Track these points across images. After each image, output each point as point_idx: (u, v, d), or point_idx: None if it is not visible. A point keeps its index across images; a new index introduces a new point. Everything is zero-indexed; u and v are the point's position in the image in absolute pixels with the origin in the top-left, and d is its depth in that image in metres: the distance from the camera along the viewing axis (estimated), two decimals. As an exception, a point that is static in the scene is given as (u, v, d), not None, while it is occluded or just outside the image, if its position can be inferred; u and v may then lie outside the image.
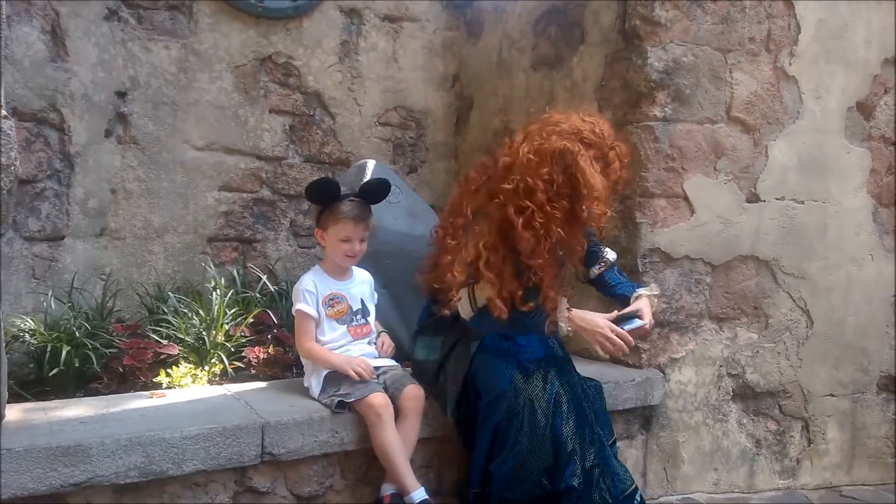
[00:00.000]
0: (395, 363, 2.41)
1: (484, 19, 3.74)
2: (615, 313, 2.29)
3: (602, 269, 2.43)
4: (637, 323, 2.26)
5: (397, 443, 2.15)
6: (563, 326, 2.23)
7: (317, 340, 2.32)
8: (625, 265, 2.78)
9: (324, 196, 2.37)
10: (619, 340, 2.18)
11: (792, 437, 2.99)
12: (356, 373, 2.19)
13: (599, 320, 2.21)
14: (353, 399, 2.18)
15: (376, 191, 2.42)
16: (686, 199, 2.78)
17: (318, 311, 2.32)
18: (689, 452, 2.82)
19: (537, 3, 3.33)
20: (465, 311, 2.26)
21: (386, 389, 2.25)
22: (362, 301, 2.42)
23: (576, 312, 2.24)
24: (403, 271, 2.63)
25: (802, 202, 2.95)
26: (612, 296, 2.43)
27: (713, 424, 2.86)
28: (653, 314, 2.31)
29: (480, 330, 2.24)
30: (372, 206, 2.40)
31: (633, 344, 2.26)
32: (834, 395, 3.04)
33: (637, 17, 2.73)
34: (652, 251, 2.75)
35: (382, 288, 2.68)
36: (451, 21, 3.90)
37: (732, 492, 2.90)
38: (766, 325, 2.93)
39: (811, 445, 3.02)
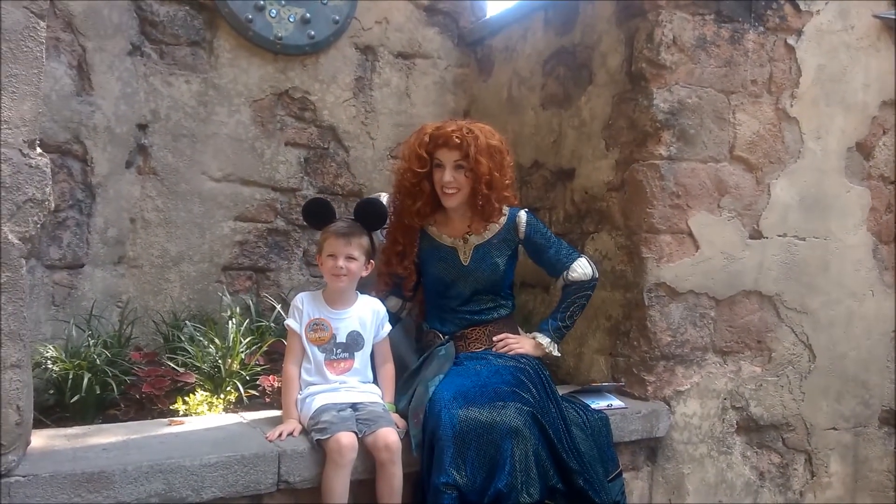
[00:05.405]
0: (378, 399, 2.35)
1: (494, 57, 3.84)
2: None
3: (564, 283, 2.61)
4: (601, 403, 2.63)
5: (341, 491, 2.09)
6: None
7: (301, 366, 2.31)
8: (631, 299, 2.85)
9: (318, 216, 2.38)
10: None
11: (795, 469, 3.03)
12: (276, 434, 2.17)
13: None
14: (323, 437, 2.11)
15: (367, 210, 2.39)
16: (691, 235, 2.85)
17: (301, 331, 2.30)
18: (694, 484, 2.86)
19: (547, 44, 3.43)
20: None
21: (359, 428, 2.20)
22: (352, 335, 2.35)
23: None
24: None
25: (804, 239, 3.03)
26: None
27: (718, 457, 2.90)
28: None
29: None
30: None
31: None
32: (836, 429, 3.09)
33: (643, 59, 2.82)
34: (658, 285, 2.81)
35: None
36: (462, 58, 4.01)
37: (737, 524, 2.93)
38: (770, 359, 2.98)
39: (814, 478, 3.06)
